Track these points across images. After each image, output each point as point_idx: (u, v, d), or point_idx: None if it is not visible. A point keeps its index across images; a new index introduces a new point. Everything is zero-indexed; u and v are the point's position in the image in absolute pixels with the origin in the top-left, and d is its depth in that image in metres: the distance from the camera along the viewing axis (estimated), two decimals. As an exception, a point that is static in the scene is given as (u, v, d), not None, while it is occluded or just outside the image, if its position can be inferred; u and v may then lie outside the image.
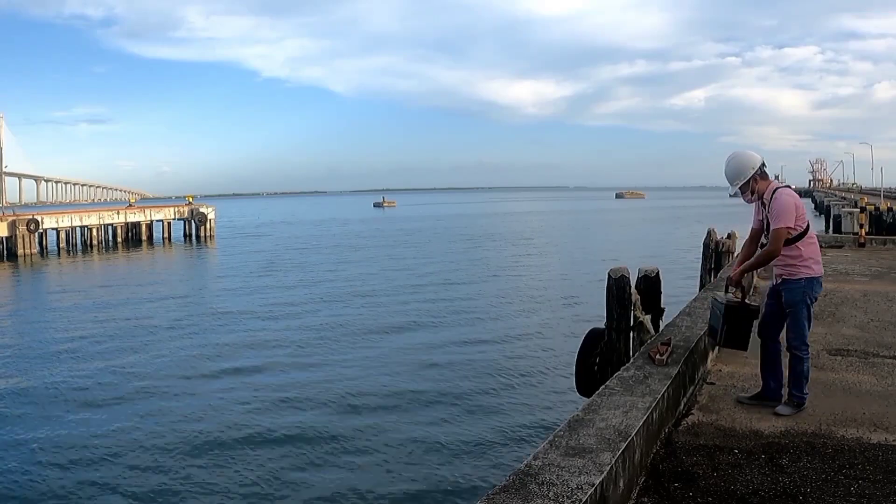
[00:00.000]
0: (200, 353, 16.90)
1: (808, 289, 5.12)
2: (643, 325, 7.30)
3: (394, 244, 50.78)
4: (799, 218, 5.06)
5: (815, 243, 5.22)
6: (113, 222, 53.45)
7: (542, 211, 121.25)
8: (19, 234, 43.74)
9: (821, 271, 5.19)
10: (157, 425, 11.56)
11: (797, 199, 5.15)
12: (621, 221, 79.67)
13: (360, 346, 17.27)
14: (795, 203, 5.08)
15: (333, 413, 12.01)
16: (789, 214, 5.01)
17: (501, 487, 3.06)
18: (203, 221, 57.94)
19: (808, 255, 5.09)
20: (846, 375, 6.11)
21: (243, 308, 23.47)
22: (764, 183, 5.18)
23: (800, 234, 5.07)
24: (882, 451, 4.33)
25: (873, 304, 9.72)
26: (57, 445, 10.75)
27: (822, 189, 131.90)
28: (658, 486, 3.89)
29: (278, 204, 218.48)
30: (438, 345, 17.14)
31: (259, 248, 50.30)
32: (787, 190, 5.19)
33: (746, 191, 5.18)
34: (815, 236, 5.25)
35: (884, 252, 17.61)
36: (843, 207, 46.19)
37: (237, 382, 14.13)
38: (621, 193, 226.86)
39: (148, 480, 9.42)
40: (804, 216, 5.11)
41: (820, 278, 5.19)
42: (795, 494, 3.73)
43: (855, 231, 23.80)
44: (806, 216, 5.14)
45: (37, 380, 14.65)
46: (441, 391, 13.17)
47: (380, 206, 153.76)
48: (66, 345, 18.00)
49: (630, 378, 4.89)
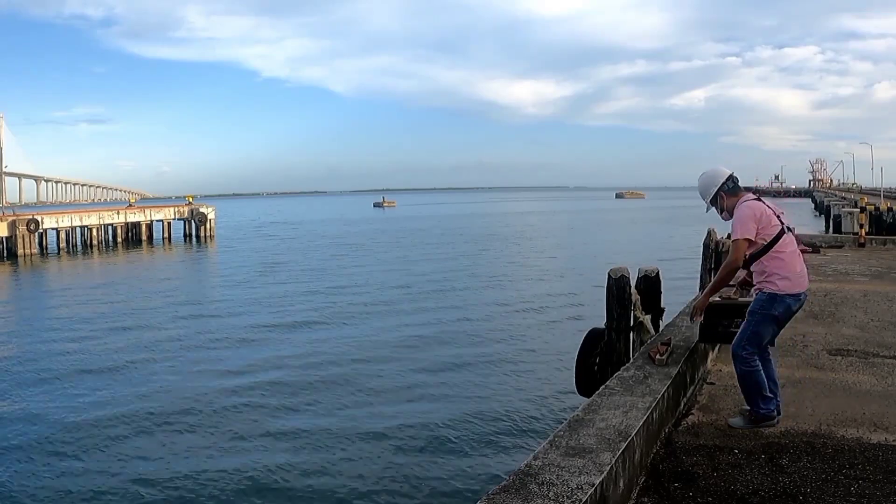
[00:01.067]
0: (201, 352, 16.90)
1: (768, 305, 4.82)
2: (643, 325, 7.30)
3: (393, 244, 50.77)
4: (762, 230, 4.82)
5: (784, 257, 4.84)
6: (113, 222, 53.43)
7: (542, 211, 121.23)
8: (19, 234, 43.73)
9: (788, 287, 4.80)
10: (158, 425, 11.56)
11: (761, 210, 4.89)
12: (621, 221, 79.66)
13: (360, 345, 17.25)
14: (756, 214, 4.84)
15: (333, 413, 12.00)
16: (745, 226, 4.81)
17: (501, 487, 3.06)
18: (203, 221, 57.91)
19: (772, 271, 4.81)
20: (846, 375, 6.11)
21: (243, 307, 23.47)
22: (733, 199, 5.04)
23: (765, 248, 4.83)
24: (882, 451, 4.34)
25: (873, 304, 9.72)
26: (56, 445, 10.75)
27: (822, 189, 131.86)
28: (658, 486, 3.89)
29: (278, 204, 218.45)
30: (438, 344, 17.13)
31: (259, 248, 50.29)
32: (751, 202, 4.96)
33: (716, 208, 5.16)
34: (787, 248, 4.87)
35: (884, 252, 17.62)
36: (843, 207, 46.18)
37: (237, 382, 14.11)
38: (621, 193, 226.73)
39: (148, 480, 9.42)
40: (770, 228, 4.85)
41: (786, 297, 4.81)
42: (795, 494, 3.73)
43: (855, 231, 23.81)
44: (775, 227, 4.86)
45: (36, 380, 14.64)
46: (440, 391, 13.16)
47: (380, 206, 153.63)
48: (66, 345, 17.99)
49: (630, 378, 4.89)
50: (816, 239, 20.73)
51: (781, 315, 4.88)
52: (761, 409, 4.82)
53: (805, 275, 4.98)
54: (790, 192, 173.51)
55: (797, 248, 4.99)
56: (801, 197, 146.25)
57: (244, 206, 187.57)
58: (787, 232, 4.90)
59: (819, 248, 18.13)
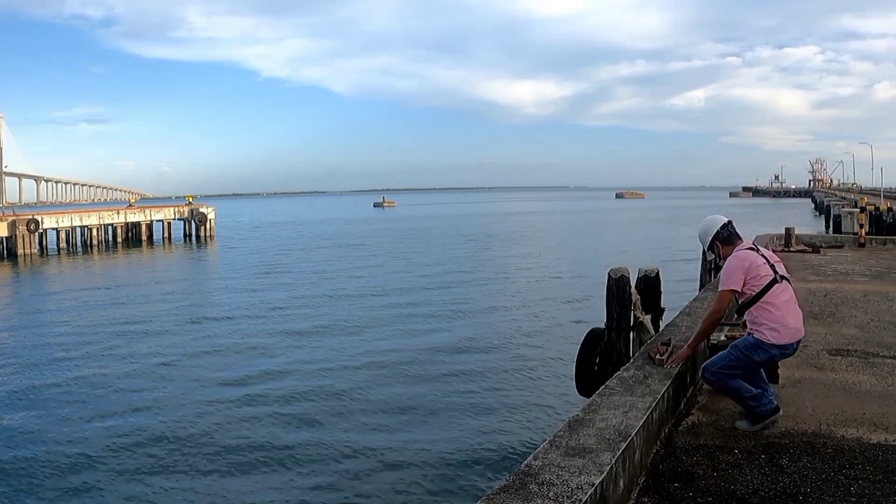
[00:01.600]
0: (200, 353, 16.90)
1: (751, 350, 4.79)
2: (643, 325, 7.31)
3: (393, 244, 50.75)
4: (750, 280, 4.80)
5: (774, 308, 4.77)
6: (113, 222, 53.43)
7: (542, 211, 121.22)
8: (19, 234, 43.73)
9: (776, 339, 4.74)
10: (157, 426, 11.55)
11: (751, 260, 4.85)
12: (621, 221, 79.66)
13: (359, 345, 17.25)
14: (745, 265, 4.83)
15: (332, 412, 12.00)
16: (732, 277, 4.83)
17: (501, 487, 3.06)
18: (203, 221, 57.91)
19: (761, 321, 4.78)
20: (846, 375, 6.11)
21: (243, 308, 23.46)
22: (728, 248, 5.07)
23: (754, 298, 4.80)
24: (882, 451, 4.33)
25: (873, 304, 9.71)
26: (54, 445, 10.75)
27: (822, 189, 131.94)
28: (658, 486, 3.89)
29: (278, 204, 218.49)
30: (438, 344, 17.12)
31: (259, 248, 50.30)
32: (742, 253, 4.93)
33: (714, 254, 5.27)
34: (779, 299, 4.79)
35: (884, 252, 17.62)
36: (843, 207, 46.24)
37: (236, 382, 14.12)
38: (621, 193, 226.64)
39: (147, 481, 9.42)
40: (760, 279, 4.80)
41: (772, 347, 4.76)
42: (795, 494, 3.73)
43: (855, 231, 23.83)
44: (766, 278, 4.80)
45: (36, 379, 14.63)
46: (440, 391, 13.16)
47: (380, 206, 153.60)
48: (66, 345, 17.98)
49: (630, 378, 4.89)
50: (816, 239, 20.73)
51: (763, 361, 4.89)
52: (757, 408, 4.80)
53: (799, 328, 4.90)
54: (790, 192, 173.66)
55: (793, 297, 4.92)
56: (801, 197, 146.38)
57: (244, 206, 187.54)
58: (780, 281, 4.84)
59: (819, 248, 18.14)
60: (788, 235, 18.19)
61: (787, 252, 17.23)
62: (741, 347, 4.86)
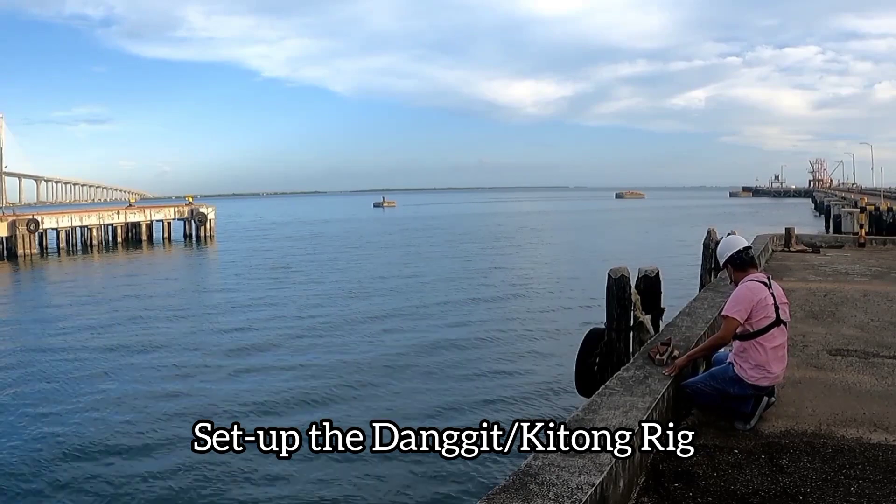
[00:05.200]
0: (200, 353, 16.92)
1: (728, 382, 4.83)
2: (643, 325, 7.29)
3: (393, 244, 50.77)
4: (753, 317, 4.78)
5: (764, 351, 4.77)
6: (113, 222, 53.45)
7: (542, 211, 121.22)
8: (19, 234, 43.74)
9: (756, 380, 4.77)
10: (157, 426, 11.56)
11: (761, 297, 4.82)
12: (621, 221, 79.67)
13: (360, 345, 17.27)
14: (754, 300, 4.80)
15: (331, 412, 12.00)
16: (738, 307, 4.82)
17: (501, 487, 3.06)
18: (203, 221, 57.92)
19: (746, 357, 4.80)
20: (846, 375, 6.11)
21: (243, 311, 23.48)
22: (740, 273, 5.09)
23: (755, 332, 4.80)
24: (882, 451, 4.34)
25: (873, 304, 9.71)
26: (52, 445, 10.76)
27: (822, 189, 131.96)
28: (658, 486, 3.89)
29: (278, 204, 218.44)
30: (438, 344, 17.13)
31: (259, 248, 50.29)
32: (754, 285, 4.91)
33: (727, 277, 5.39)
34: (772, 343, 4.80)
35: (884, 252, 17.61)
36: (843, 207, 46.25)
37: (236, 382, 14.13)
38: (621, 193, 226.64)
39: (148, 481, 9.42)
40: (762, 319, 4.78)
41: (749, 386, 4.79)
42: (795, 494, 3.73)
43: (855, 231, 23.81)
44: (767, 319, 4.78)
45: (35, 380, 14.65)
46: (440, 390, 13.17)
47: (380, 206, 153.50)
48: (65, 345, 18.00)
49: (630, 378, 4.88)
50: (816, 239, 20.72)
51: (736, 395, 4.87)
52: (742, 408, 4.85)
53: (779, 375, 4.98)
54: (790, 192, 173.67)
55: (784, 343, 4.96)
56: (801, 197, 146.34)
57: (244, 206, 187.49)
58: (779, 325, 4.86)
59: (819, 249, 18.13)
60: (788, 235, 18.19)
61: (787, 252, 17.23)
62: (719, 378, 4.92)
